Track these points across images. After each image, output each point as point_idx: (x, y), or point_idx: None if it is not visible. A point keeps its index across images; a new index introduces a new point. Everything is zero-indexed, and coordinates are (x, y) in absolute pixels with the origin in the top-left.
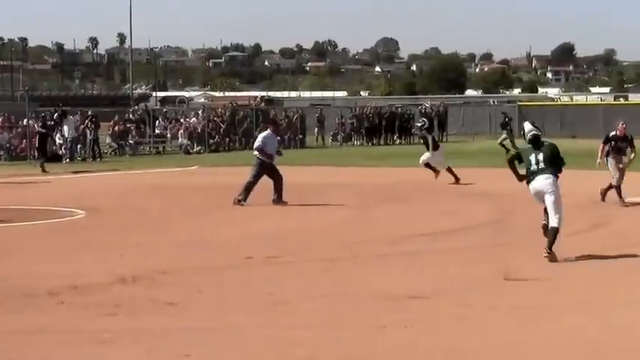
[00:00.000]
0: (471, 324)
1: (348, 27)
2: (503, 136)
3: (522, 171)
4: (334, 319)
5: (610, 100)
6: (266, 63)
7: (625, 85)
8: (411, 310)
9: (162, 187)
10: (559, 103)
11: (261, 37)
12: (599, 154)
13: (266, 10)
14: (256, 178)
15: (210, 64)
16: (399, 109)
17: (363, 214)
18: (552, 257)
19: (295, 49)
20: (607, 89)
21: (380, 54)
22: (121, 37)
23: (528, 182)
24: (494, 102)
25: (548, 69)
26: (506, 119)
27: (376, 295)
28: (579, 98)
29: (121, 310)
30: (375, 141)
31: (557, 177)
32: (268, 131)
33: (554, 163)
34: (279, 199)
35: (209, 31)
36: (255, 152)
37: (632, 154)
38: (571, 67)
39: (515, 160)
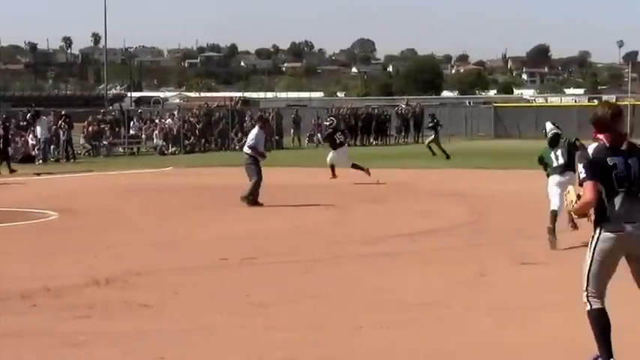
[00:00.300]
0: (449, 325)
1: (324, 28)
2: (431, 137)
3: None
4: (312, 320)
5: (584, 101)
6: (242, 63)
7: (599, 87)
8: (389, 310)
9: (136, 188)
10: (534, 104)
11: (237, 37)
12: None
13: (242, 11)
14: (260, 174)
15: (186, 65)
16: (376, 110)
17: (342, 214)
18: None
19: (271, 49)
20: (581, 91)
21: (356, 55)
22: (96, 37)
23: (548, 175)
24: (470, 103)
25: (524, 70)
26: (435, 121)
27: (354, 296)
28: (554, 100)
29: (95, 312)
30: (351, 142)
31: (574, 170)
32: (258, 129)
33: (572, 158)
34: (253, 202)
35: (185, 32)
36: (248, 150)
37: None
38: (546, 69)
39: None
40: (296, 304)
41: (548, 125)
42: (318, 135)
